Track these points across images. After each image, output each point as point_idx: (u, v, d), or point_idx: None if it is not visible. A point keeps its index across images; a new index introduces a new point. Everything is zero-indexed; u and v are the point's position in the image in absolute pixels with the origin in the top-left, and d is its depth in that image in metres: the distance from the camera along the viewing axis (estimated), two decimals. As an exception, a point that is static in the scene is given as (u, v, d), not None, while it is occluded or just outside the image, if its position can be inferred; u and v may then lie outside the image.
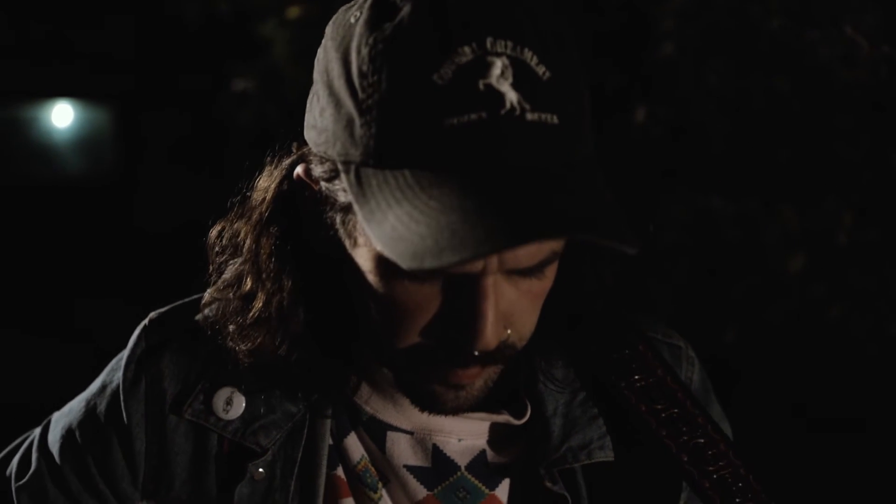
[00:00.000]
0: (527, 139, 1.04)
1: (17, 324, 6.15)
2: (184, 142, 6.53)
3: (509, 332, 1.15)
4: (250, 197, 1.30)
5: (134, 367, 1.38)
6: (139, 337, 1.40)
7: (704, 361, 1.45)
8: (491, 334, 1.11)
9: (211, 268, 1.34)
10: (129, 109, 7.13)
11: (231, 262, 1.32)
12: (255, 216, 1.29)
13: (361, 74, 1.08)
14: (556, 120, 1.05)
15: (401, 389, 1.26)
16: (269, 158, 1.30)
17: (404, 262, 1.02)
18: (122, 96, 7.07)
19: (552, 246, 1.11)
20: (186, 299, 1.42)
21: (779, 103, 3.69)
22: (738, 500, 1.32)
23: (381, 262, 1.12)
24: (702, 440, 1.34)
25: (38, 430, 1.46)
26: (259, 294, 1.28)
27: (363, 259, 1.15)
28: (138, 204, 6.95)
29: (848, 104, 3.62)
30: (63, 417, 1.43)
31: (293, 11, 4.13)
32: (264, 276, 1.28)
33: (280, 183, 1.27)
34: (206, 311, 1.35)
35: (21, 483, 1.41)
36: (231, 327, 1.30)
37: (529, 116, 1.04)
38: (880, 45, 3.23)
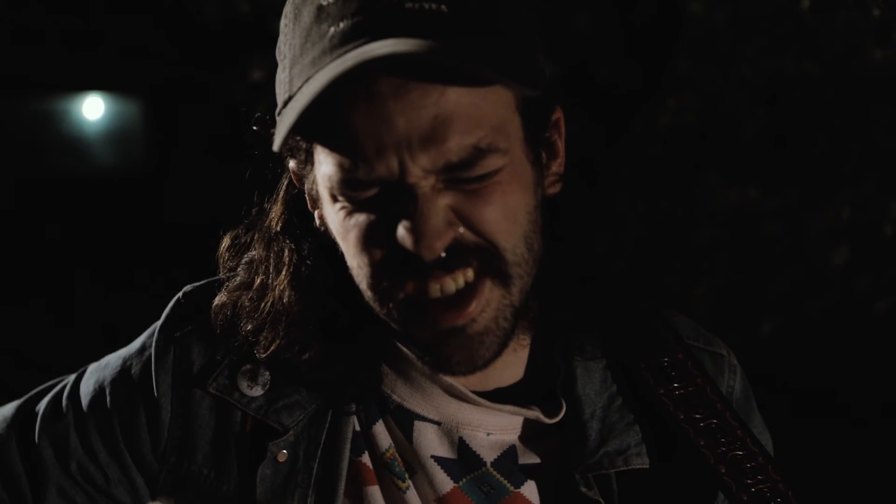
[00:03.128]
0: (401, 21, 1.10)
1: (48, 316, 6.17)
2: (215, 135, 6.53)
3: (462, 230, 1.15)
4: (268, 208, 1.35)
5: (165, 336, 1.39)
6: (172, 308, 1.41)
7: (741, 356, 1.44)
8: (428, 232, 1.12)
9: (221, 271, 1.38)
10: (160, 102, 7.13)
11: (244, 262, 1.36)
12: (267, 221, 1.34)
13: (282, 31, 1.21)
14: (444, 8, 1.11)
15: (414, 348, 1.25)
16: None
17: (294, 114, 1.11)
18: (153, 89, 7.07)
19: (469, 138, 1.12)
20: (221, 276, 1.41)
21: (812, 90, 3.59)
22: None
23: (328, 183, 1.17)
24: (740, 452, 1.32)
25: (72, 377, 1.45)
26: (269, 292, 1.31)
27: (321, 193, 1.20)
28: (168, 197, 6.96)
29: (883, 90, 3.51)
30: (99, 371, 1.43)
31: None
32: (273, 272, 1.31)
33: (287, 189, 1.32)
34: (222, 309, 1.36)
35: (46, 425, 1.40)
36: (247, 326, 1.32)
37: (408, 5, 1.11)
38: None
